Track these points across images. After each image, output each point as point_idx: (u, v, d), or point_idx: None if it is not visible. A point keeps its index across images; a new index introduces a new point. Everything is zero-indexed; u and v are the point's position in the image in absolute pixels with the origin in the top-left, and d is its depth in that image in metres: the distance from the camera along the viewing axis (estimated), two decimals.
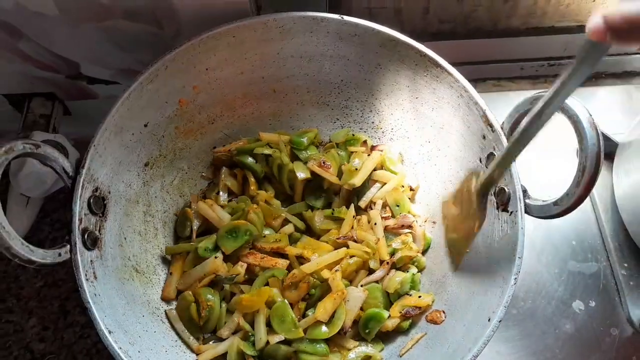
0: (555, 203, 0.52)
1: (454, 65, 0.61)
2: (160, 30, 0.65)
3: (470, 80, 0.60)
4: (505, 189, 0.56)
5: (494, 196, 0.58)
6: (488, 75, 0.87)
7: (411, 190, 0.70)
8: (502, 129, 0.57)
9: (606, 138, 0.70)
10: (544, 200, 0.54)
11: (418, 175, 0.70)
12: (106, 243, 0.55)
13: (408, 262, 0.65)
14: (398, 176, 0.69)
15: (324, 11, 0.62)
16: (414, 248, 0.65)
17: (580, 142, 0.49)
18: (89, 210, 0.53)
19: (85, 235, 0.51)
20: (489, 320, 0.50)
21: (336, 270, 0.62)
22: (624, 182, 0.73)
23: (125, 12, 0.62)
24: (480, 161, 0.60)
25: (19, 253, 0.44)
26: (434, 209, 0.68)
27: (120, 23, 0.64)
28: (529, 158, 0.62)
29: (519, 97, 0.57)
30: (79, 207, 0.51)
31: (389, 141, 0.71)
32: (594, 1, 0.76)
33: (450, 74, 0.60)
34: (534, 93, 0.55)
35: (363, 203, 0.68)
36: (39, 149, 0.49)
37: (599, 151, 0.49)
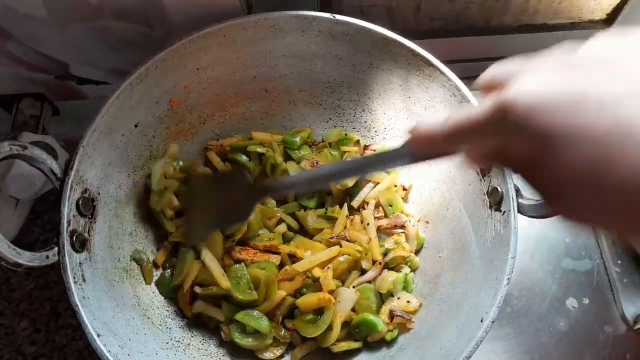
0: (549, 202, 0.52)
1: (446, 63, 0.60)
2: (150, 30, 0.65)
3: (462, 78, 0.59)
4: (498, 188, 0.56)
5: (487, 196, 0.58)
6: (480, 72, 0.87)
7: (404, 190, 0.70)
8: None
9: None
10: (537, 200, 0.54)
11: (411, 175, 0.70)
12: (95, 245, 0.54)
13: (401, 262, 0.65)
14: (391, 176, 0.68)
15: (316, 10, 0.61)
16: (406, 248, 0.65)
17: None
18: (78, 212, 0.52)
19: (74, 237, 0.50)
20: (482, 321, 0.50)
21: (327, 268, 0.61)
22: None
23: (115, 13, 0.61)
24: None
25: (5, 256, 0.43)
26: (427, 208, 0.67)
27: (110, 23, 0.63)
28: None
29: None
30: (67, 209, 0.50)
31: (381, 141, 0.71)
32: None
33: (442, 73, 0.60)
34: None
35: (356, 203, 0.68)
36: (26, 150, 0.49)
37: None
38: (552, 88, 0.28)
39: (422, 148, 0.38)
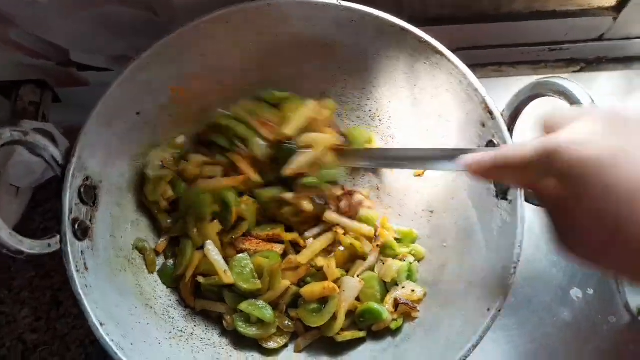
0: None
1: (453, 50, 0.59)
2: (154, 16, 0.64)
3: (470, 66, 0.59)
4: None
5: (493, 184, 0.57)
6: (488, 60, 0.86)
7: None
8: (502, 116, 0.56)
9: None
10: None
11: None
12: (97, 233, 0.54)
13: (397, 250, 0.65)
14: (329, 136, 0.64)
15: None
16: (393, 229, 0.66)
17: None
18: (80, 200, 0.52)
19: (76, 226, 0.50)
20: (488, 310, 0.50)
21: (331, 257, 0.61)
22: None
23: None
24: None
25: (6, 243, 0.42)
26: (432, 197, 0.67)
27: (112, 8, 0.62)
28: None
29: (519, 83, 0.55)
30: (69, 197, 0.50)
31: (386, 129, 0.70)
32: None
33: (450, 61, 0.59)
34: (534, 79, 0.54)
35: (289, 171, 0.62)
36: (28, 136, 0.48)
37: None
38: (597, 144, 0.32)
39: (471, 172, 0.43)
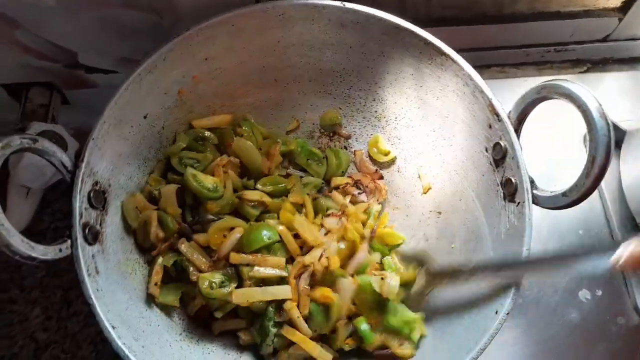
0: (564, 194, 0.52)
1: (458, 51, 0.59)
2: (159, 19, 0.64)
3: (474, 67, 0.58)
4: (512, 179, 0.55)
5: (500, 187, 0.57)
6: (492, 61, 0.86)
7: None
8: (509, 117, 0.56)
9: (614, 126, 0.69)
10: (552, 191, 0.53)
11: (423, 165, 0.69)
12: (107, 237, 0.54)
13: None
14: None
15: None
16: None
17: (590, 132, 0.48)
18: (89, 205, 0.52)
19: (86, 230, 0.50)
20: (497, 313, 0.50)
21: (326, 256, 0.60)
22: (632, 171, 0.72)
23: (124, 0, 0.60)
24: (486, 151, 0.59)
25: (19, 250, 0.43)
26: (440, 199, 0.67)
27: (118, 11, 0.62)
28: (535, 147, 0.61)
29: (524, 84, 0.55)
30: (79, 202, 0.50)
31: (392, 130, 0.70)
32: None
33: (455, 62, 0.59)
34: (540, 81, 0.53)
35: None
36: (37, 143, 0.48)
37: (609, 141, 0.47)
38: None
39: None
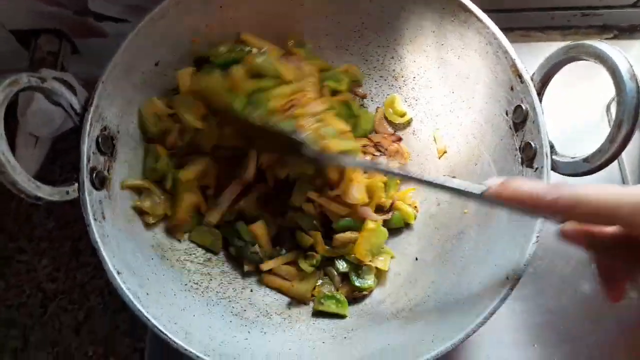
0: (586, 160, 0.50)
1: (485, 12, 0.57)
2: None
3: (501, 29, 0.56)
4: (532, 144, 0.53)
5: (519, 151, 0.55)
6: (516, 24, 0.82)
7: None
8: (532, 80, 0.54)
9: None
10: (573, 157, 0.51)
11: (439, 127, 0.67)
12: (115, 184, 0.54)
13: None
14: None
15: None
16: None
17: (619, 95, 0.46)
18: (98, 150, 0.51)
19: (94, 175, 0.50)
20: (508, 279, 0.49)
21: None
22: None
23: None
24: (507, 114, 0.57)
25: (24, 189, 0.42)
26: (454, 163, 0.65)
27: None
28: (555, 113, 0.59)
29: (548, 49, 0.53)
30: (87, 146, 0.49)
31: (410, 90, 0.68)
32: None
33: (479, 20, 0.57)
34: (566, 43, 0.51)
35: None
36: (45, 83, 0.47)
37: (638, 104, 0.45)
38: None
39: (512, 204, 0.42)
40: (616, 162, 0.73)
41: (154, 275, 0.53)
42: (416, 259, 0.62)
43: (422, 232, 0.65)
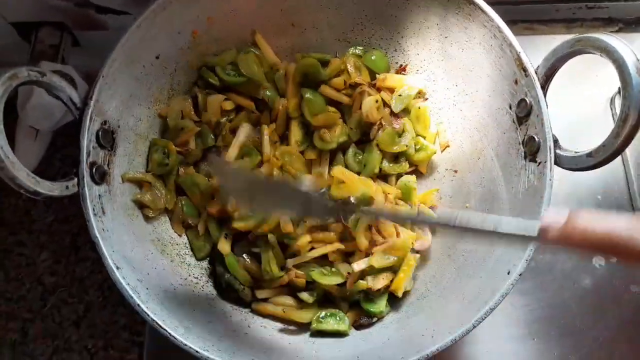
0: (590, 154, 0.49)
1: (489, 4, 0.56)
2: None
3: (506, 22, 0.55)
4: (535, 137, 0.53)
5: (522, 145, 0.55)
6: (519, 17, 0.82)
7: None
8: (537, 73, 0.54)
9: None
10: (577, 152, 0.51)
11: (442, 121, 0.66)
12: (115, 178, 0.53)
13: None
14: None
15: None
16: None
17: (624, 88, 0.46)
18: (98, 144, 0.51)
19: (94, 169, 0.49)
20: (509, 274, 0.49)
21: None
22: None
23: None
24: (510, 107, 0.57)
25: (24, 184, 0.42)
26: (456, 157, 0.65)
27: None
28: (558, 107, 0.59)
29: (552, 42, 0.53)
30: (87, 140, 0.49)
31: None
32: None
33: (484, 12, 0.56)
34: (572, 36, 0.50)
35: None
36: (45, 77, 0.47)
37: None
38: None
39: (586, 249, 0.37)
40: (619, 156, 0.73)
41: (154, 270, 0.53)
42: (417, 253, 0.61)
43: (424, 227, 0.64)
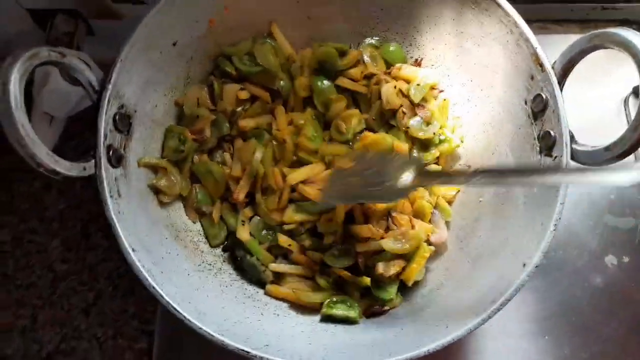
0: (607, 148, 0.49)
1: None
2: None
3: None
4: (551, 132, 0.53)
5: (537, 140, 0.55)
6: (534, 16, 0.81)
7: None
8: (553, 69, 0.54)
9: None
10: (594, 146, 0.51)
11: (457, 116, 0.66)
12: (131, 162, 0.53)
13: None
14: None
15: None
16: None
17: None
18: (115, 127, 0.51)
19: (110, 152, 0.50)
20: (524, 266, 0.49)
21: None
22: None
23: None
24: (525, 103, 0.57)
25: (43, 162, 0.42)
26: (471, 152, 0.65)
27: None
28: (573, 104, 0.59)
29: (565, 42, 0.53)
30: (104, 123, 0.49)
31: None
32: None
33: (500, 7, 0.56)
34: (589, 33, 0.50)
35: None
36: (65, 58, 0.47)
37: None
38: None
39: None
40: (633, 155, 0.73)
41: (168, 254, 0.53)
42: (430, 245, 0.61)
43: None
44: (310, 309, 0.58)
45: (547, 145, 0.53)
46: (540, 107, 0.54)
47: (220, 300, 0.54)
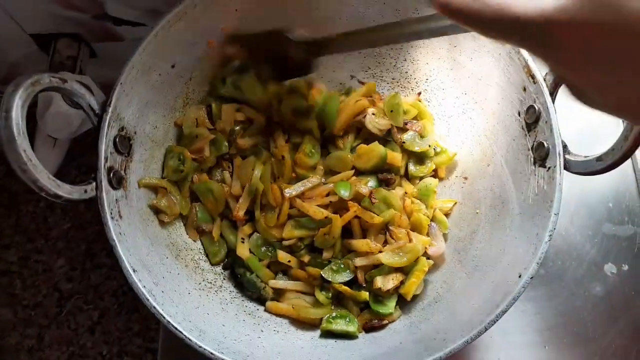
0: (599, 158, 0.50)
1: None
2: None
3: None
4: (545, 143, 0.54)
5: (531, 151, 0.56)
6: None
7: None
8: (545, 80, 0.54)
9: None
10: (586, 156, 0.51)
11: (451, 129, 0.67)
12: (131, 183, 0.54)
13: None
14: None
15: None
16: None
17: None
18: (115, 150, 0.52)
19: (111, 174, 0.50)
20: (520, 277, 0.49)
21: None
22: None
23: None
24: (519, 114, 0.57)
25: (45, 187, 0.43)
26: (466, 164, 0.65)
27: None
28: (566, 115, 0.59)
29: None
30: (105, 145, 0.50)
31: (423, 92, 0.68)
32: None
33: None
34: None
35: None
36: (66, 84, 0.48)
37: None
38: None
39: (453, 19, 0.35)
40: (630, 161, 0.73)
41: (169, 274, 0.54)
42: (428, 259, 0.61)
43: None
44: (310, 325, 0.58)
45: (541, 156, 0.54)
46: (533, 119, 0.55)
47: (221, 318, 0.55)
